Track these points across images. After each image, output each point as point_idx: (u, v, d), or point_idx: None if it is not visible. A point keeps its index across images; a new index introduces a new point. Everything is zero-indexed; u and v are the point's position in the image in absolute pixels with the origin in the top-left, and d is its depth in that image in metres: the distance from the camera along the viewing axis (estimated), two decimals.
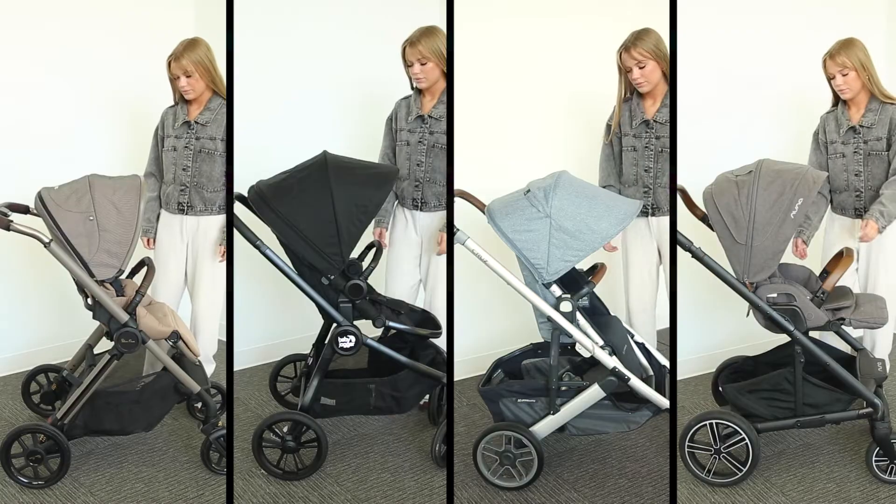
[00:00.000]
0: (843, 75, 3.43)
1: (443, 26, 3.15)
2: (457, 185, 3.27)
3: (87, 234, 3.08)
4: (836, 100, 3.54)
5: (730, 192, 3.10)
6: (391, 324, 3.29)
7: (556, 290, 3.09)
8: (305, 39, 4.10)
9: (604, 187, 3.60)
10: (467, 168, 3.52)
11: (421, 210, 3.60)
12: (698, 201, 3.42)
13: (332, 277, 3.17)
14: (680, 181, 3.29)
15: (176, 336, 3.21)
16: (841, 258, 3.24)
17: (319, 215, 3.10)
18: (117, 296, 3.18)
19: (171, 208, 3.58)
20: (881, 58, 4.38)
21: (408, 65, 3.53)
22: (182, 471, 3.25)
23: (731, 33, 4.00)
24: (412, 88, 3.60)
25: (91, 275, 3.09)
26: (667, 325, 3.57)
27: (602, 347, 3.09)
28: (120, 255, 3.12)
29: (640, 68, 3.46)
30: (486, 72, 3.80)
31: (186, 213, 3.56)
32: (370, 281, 3.35)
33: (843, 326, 3.21)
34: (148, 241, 3.65)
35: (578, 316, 3.10)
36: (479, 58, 3.69)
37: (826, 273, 3.26)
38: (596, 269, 3.23)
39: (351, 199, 3.12)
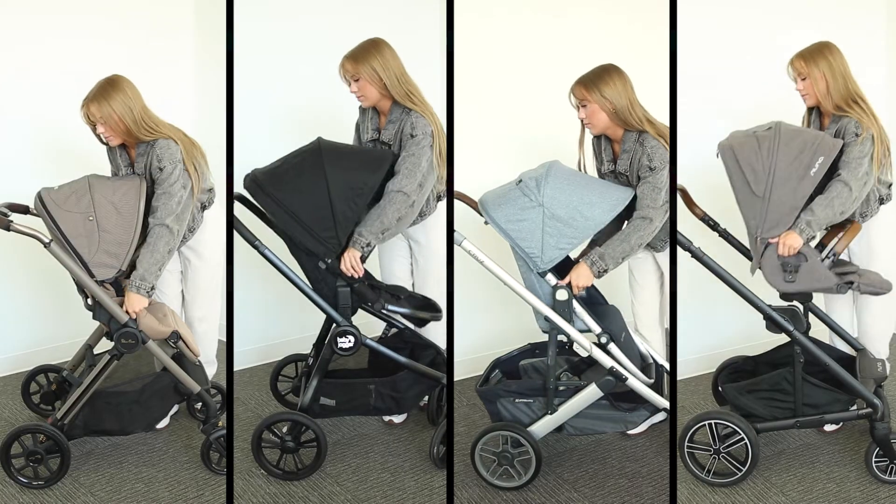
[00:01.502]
0: (802, 79, 3.26)
1: (442, 26, 3.15)
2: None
3: (87, 235, 3.08)
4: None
5: (750, 146, 3.07)
6: (391, 307, 3.28)
7: (552, 279, 3.09)
8: (305, 39, 4.09)
9: None
10: (464, 169, 3.52)
11: None
12: (698, 201, 3.43)
13: (330, 261, 3.16)
14: (680, 181, 3.29)
15: (176, 336, 3.22)
16: (835, 230, 3.22)
17: (315, 199, 3.10)
18: (117, 296, 3.19)
19: None
20: (881, 58, 4.39)
21: (346, 82, 3.37)
22: (182, 471, 3.26)
23: (730, 34, 4.00)
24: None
25: (91, 275, 3.09)
26: (666, 325, 3.57)
27: (600, 336, 3.09)
28: (120, 256, 3.12)
29: (583, 106, 3.24)
30: (486, 71, 3.80)
31: None
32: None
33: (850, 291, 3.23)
34: None
35: (576, 305, 3.10)
36: (478, 56, 3.68)
37: (822, 245, 3.23)
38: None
39: (346, 183, 3.12)
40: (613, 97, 3.17)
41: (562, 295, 3.08)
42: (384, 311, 3.36)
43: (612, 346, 3.10)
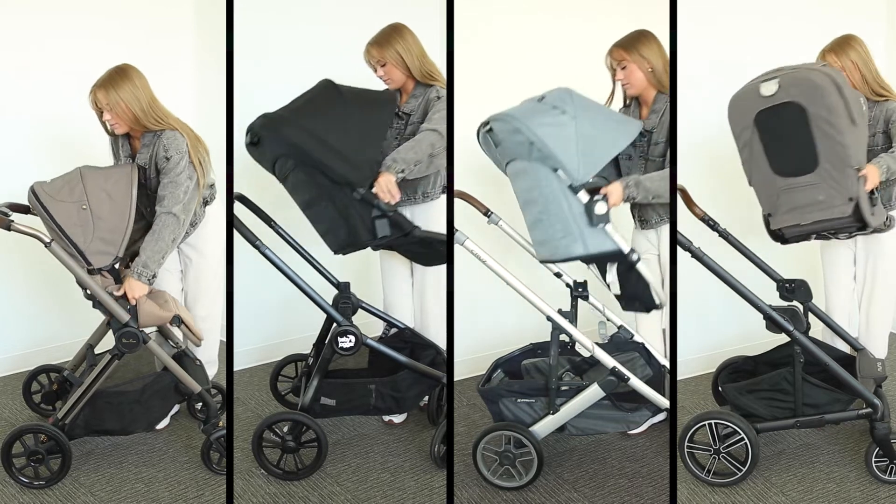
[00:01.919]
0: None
1: (442, 26, 3.15)
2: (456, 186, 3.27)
3: (82, 224, 3.09)
4: None
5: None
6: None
7: (585, 196, 2.96)
8: (305, 38, 4.10)
9: None
10: (464, 167, 3.53)
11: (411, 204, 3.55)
12: (698, 201, 3.43)
13: (364, 190, 3.12)
14: (679, 181, 3.29)
15: (178, 320, 3.23)
16: None
17: (344, 124, 3.12)
18: (115, 282, 3.19)
19: None
20: (881, 58, 4.39)
21: (371, 68, 3.51)
22: (182, 471, 3.26)
23: (730, 34, 4.00)
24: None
25: (88, 263, 3.09)
26: (666, 325, 3.57)
27: (630, 253, 2.99)
28: (115, 243, 3.13)
29: (622, 69, 3.36)
30: (486, 70, 3.80)
31: None
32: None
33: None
34: None
35: (609, 227, 2.97)
36: (479, 56, 3.69)
37: None
38: None
39: (364, 116, 3.17)
40: (651, 57, 3.28)
41: (601, 208, 2.94)
42: (418, 234, 3.25)
43: (641, 265, 3.03)
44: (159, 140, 3.25)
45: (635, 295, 3.13)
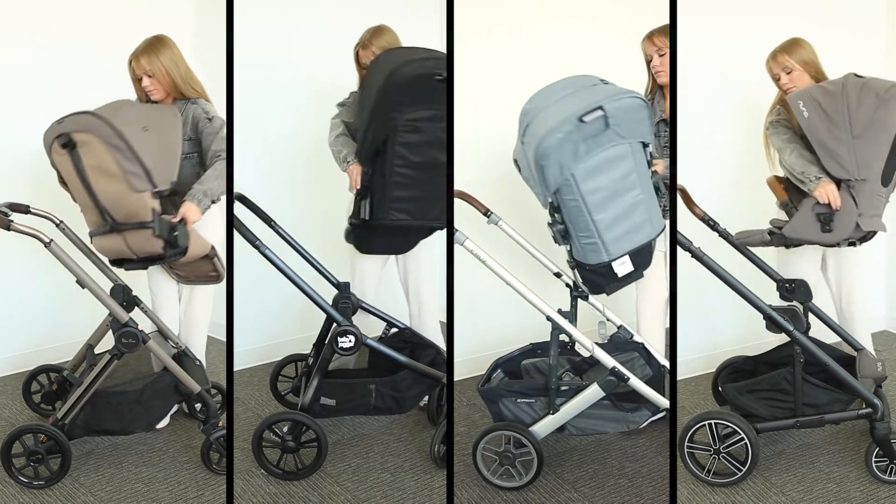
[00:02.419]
0: (787, 73, 3.37)
1: (442, 26, 3.15)
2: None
3: (146, 143, 3.07)
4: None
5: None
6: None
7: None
8: (304, 38, 4.10)
9: None
10: (465, 167, 3.52)
11: None
12: (698, 200, 3.43)
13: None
14: (679, 181, 3.29)
15: (214, 252, 3.30)
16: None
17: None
18: (163, 214, 3.15)
19: None
20: (881, 58, 4.39)
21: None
22: (182, 471, 3.26)
23: (730, 33, 4.00)
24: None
25: (154, 185, 3.06)
26: (667, 325, 3.57)
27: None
28: (174, 164, 3.16)
29: (661, 56, 3.42)
30: (486, 70, 3.80)
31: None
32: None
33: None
34: None
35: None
36: (479, 56, 3.69)
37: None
38: None
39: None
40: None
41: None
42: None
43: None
44: (196, 105, 3.40)
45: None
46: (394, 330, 3.56)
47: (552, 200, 2.93)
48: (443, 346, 3.51)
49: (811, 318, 3.42)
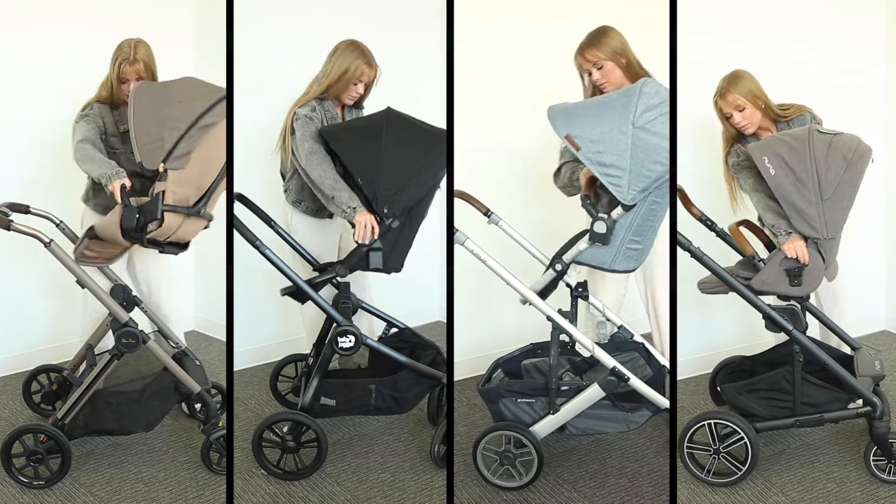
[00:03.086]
0: (740, 111, 3.35)
1: (442, 26, 3.15)
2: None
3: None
4: (740, 135, 3.43)
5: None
6: None
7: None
8: (305, 38, 4.10)
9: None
10: (465, 167, 3.52)
11: None
12: (697, 200, 3.43)
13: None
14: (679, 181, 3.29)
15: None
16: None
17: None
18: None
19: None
20: (881, 58, 4.39)
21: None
22: (182, 471, 3.26)
23: (730, 33, 4.00)
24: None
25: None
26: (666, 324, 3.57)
27: None
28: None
29: (598, 69, 3.40)
30: (487, 71, 3.80)
31: None
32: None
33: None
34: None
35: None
36: (480, 57, 3.69)
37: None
38: None
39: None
40: (623, 50, 3.38)
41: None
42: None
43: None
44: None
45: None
46: (394, 330, 3.56)
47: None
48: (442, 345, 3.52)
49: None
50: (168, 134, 3.10)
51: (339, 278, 3.30)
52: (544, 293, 3.21)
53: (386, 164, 3.16)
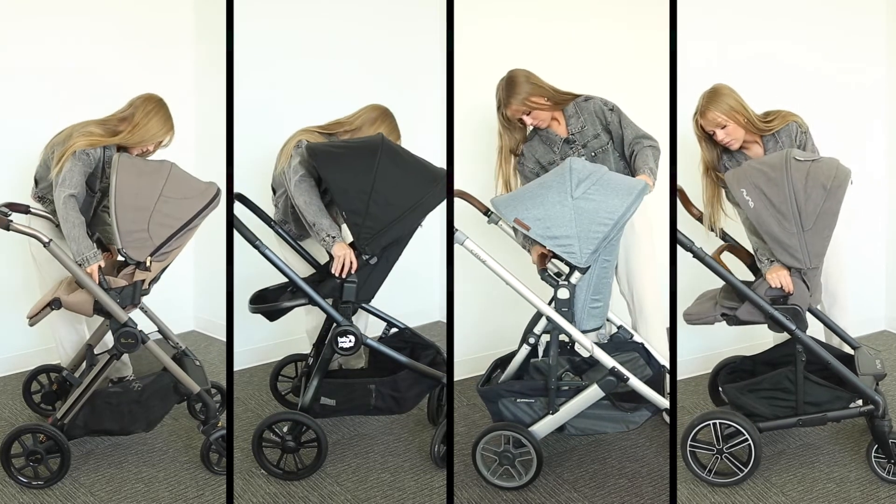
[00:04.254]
0: (722, 128, 3.31)
1: (442, 26, 3.15)
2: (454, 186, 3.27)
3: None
4: (724, 149, 3.41)
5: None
6: None
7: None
8: (304, 38, 4.10)
9: None
10: (465, 167, 3.52)
11: None
12: (695, 200, 3.43)
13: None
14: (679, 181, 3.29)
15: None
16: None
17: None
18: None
19: None
20: (881, 58, 4.39)
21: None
22: (182, 471, 3.26)
23: (730, 33, 4.00)
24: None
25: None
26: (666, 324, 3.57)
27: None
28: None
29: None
30: (487, 72, 3.80)
31: None
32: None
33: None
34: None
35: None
36: (480, 58, 3.69)
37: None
38: None
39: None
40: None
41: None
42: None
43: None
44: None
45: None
46: (394, 330, 3.56)
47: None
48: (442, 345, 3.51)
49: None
50: (157, 230, 3.11)
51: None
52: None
53: (372, 201, 3.13)
